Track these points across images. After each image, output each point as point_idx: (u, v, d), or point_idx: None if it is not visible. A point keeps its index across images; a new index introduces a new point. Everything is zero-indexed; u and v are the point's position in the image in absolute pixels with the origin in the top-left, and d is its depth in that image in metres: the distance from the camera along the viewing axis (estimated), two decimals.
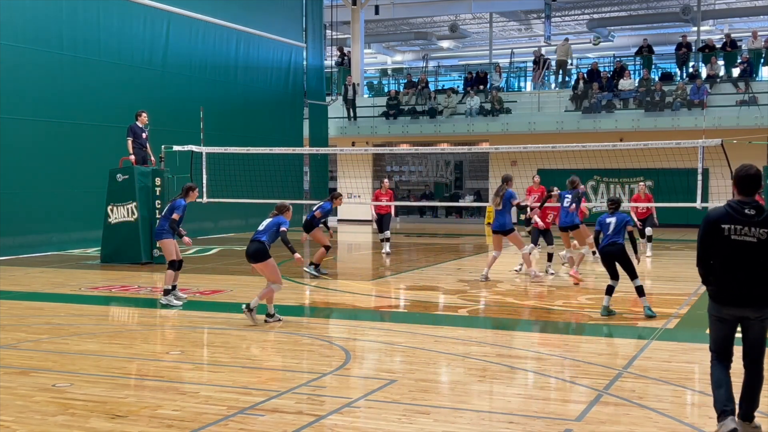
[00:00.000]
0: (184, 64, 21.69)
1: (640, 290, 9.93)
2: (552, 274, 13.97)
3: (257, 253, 9.41)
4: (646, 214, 17.11)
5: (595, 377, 7.01)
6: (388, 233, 17.46)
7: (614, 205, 10.10)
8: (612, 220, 9.96)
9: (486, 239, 23.62)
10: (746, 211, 5.13)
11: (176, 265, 10.99)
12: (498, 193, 13.30)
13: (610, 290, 10.05)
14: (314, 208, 14.41)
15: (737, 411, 5.24)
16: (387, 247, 17.35)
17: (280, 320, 9.46)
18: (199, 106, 18.18)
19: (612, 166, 21.08)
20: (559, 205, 13.91)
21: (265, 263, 9.45)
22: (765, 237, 5.08)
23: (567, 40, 30.41)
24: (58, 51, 17.73)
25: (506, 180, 13.35)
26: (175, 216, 10.86)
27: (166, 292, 10.88)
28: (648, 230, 17.16)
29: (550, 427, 5.62)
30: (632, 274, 9.97)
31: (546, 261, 14.49)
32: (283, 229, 9.52)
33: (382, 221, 17.48)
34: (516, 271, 14.28)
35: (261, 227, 9.61)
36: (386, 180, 18.16)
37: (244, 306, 9.38)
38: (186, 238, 11.09)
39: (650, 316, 9.78)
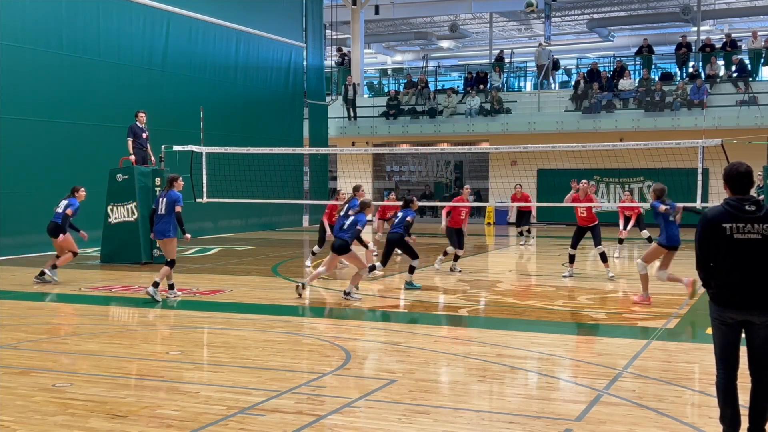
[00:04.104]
0: (184, 64, 21.69)
1: (411, 269, 12.36)
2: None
3: (340, 249, 11.03)
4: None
5: (595, 377, 7.01)
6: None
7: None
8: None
9: (486, 239, 23.60)
10: (746, 207, 4.92)
11: (173, 264, 11.29)
12: None
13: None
14: (62, 209, 12.96)
15: (746, 425, 5.03)
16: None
17: (359, 300, 11.04)
18: (199, 106, 18.18)
19: (612, 166, 21.09)
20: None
21: (348, 255, 11.12)
22: None
23: (540, 44, 30.46)
24: (58, 51, 17.73)
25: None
26: (178, 209, 11.05)
27: (156, 285, 11.01)
28: (644, 232, 17.23)
29: (550, 427, 5.62)
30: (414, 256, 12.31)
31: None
32: (358, 228, 11.05)
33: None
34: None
35: (345, 225, 11.15)
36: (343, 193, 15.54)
37: (344, 295, 11.11)
38: (188, 235, 11.39)
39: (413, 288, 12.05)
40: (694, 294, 10.94)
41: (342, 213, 12.63)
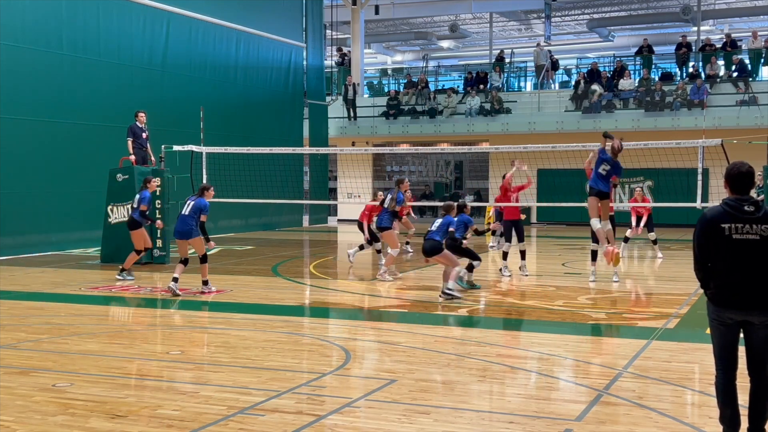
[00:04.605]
0: (184, 64, 21.69)
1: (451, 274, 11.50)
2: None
3: (433, 249, 11.18)
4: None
5: (595, 377, 7.01)
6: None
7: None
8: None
9: (486, 239, 23.60)
10: (745, 207, 4.90)
11: (187, 262, 11.77)
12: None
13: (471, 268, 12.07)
14: (135, 203, 13.48)
15: (746, 425, 5.03)
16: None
17: (460, 297, 11.18)
18: (199, 106, 18.18)
19: None
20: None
21: (441, 255, 11.23)
22: (767, 234, 4.87)
23: (539, 44, 30.48)
24: (58, 51, 17.73)
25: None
26: (203, 218, 11.56)
27: (205, 283, 11.79)
28: (651, 234, 17.05)
29: (550, 427, 5.62)
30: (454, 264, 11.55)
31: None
32: (451, 229, 11.33)
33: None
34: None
35: (434, 227, 11.35)
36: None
37: (441, 294, 11.17)
38: (212, 242, 11.93)
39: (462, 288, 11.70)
40: (616, 262, 12.23)
41: (386, 207, 13.35)
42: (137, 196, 13.53)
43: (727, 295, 4.97)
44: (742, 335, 5.08)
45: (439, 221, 11.49)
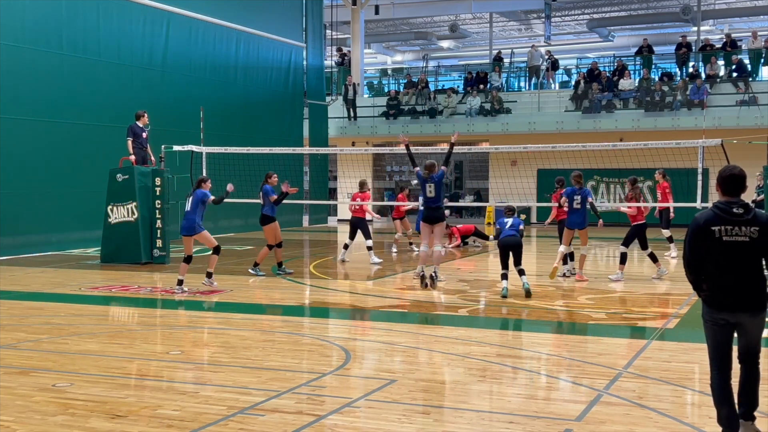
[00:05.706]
0: (184, 64, 21.69)
1: (521, 272, 11.78)
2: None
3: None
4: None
5: (595, 377, 7.01)
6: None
7: (511, 212, 12.19)
8: (509, 221, 11.91)
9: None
10: (734, 210, 5.00)
11: (190, 260, 12.03)
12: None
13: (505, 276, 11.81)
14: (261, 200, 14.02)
15: (738, 410, 5.13)
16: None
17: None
18: (199, 106, 18.18)
19: (612, 166, 21.08)
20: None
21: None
22: (756, 235, 4.96)
23: (533, 46, 30.49)
24: (58, 51, 17.74)
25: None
26: (211, 199, 11.90)
27: (209, 275, 12.26)
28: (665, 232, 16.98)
29: (550, 427, 5.62)
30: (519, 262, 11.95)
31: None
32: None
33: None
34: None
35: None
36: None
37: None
38: (230, 185, 12.47)
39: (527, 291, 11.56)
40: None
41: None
42: (260, 193, 13.94)
43: (720, 297, 5.06)
44: (736, 335, 5.17)
45: (510, 221, 11.94)
